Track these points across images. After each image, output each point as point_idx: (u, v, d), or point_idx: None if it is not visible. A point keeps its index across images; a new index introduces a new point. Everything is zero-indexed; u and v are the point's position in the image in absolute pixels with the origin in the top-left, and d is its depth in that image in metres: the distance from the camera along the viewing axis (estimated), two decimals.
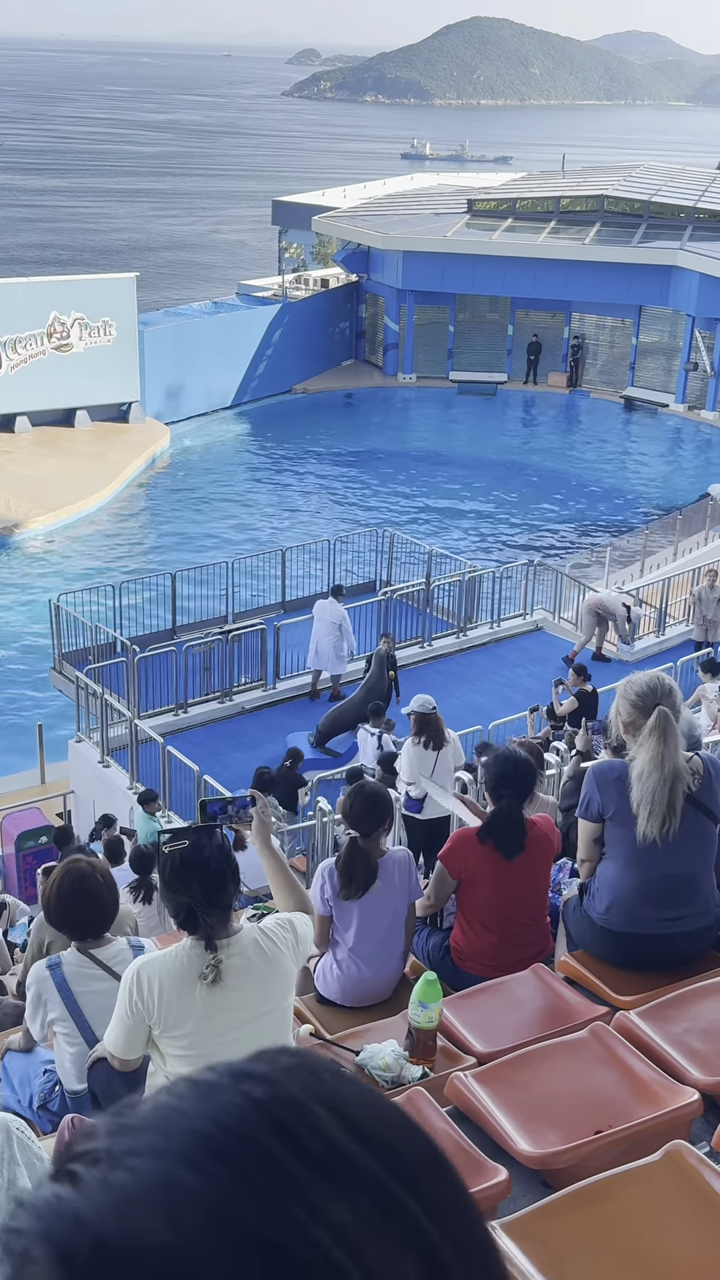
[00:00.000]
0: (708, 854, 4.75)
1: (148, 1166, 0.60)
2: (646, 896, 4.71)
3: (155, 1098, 0.66)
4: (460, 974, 5.25)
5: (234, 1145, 0.61)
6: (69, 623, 19.08)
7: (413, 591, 20.29)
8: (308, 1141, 0.62)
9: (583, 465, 34.89)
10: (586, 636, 19.39)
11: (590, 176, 46.37)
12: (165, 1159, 0.61)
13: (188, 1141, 0.62)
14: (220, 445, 35.69)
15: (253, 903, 10.08)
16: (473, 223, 39.52)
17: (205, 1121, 0.63)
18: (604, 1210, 2.88)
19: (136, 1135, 0.63)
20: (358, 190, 51.10)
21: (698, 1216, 2.87)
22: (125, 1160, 0.61)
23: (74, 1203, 0.60)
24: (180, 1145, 0.61)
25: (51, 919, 4.78)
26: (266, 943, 3.67)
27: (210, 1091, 0.65)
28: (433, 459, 34.72)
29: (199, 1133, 0.62)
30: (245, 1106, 0.64)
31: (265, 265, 58.24)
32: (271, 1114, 0.63)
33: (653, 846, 4.65)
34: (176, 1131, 0.62)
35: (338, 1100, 0.65)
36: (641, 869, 4.71)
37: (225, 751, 16.82)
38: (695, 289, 35.36)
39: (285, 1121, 0.63)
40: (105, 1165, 0.61)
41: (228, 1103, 0.64)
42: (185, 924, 3.63)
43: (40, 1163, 2.60)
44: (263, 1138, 0.62)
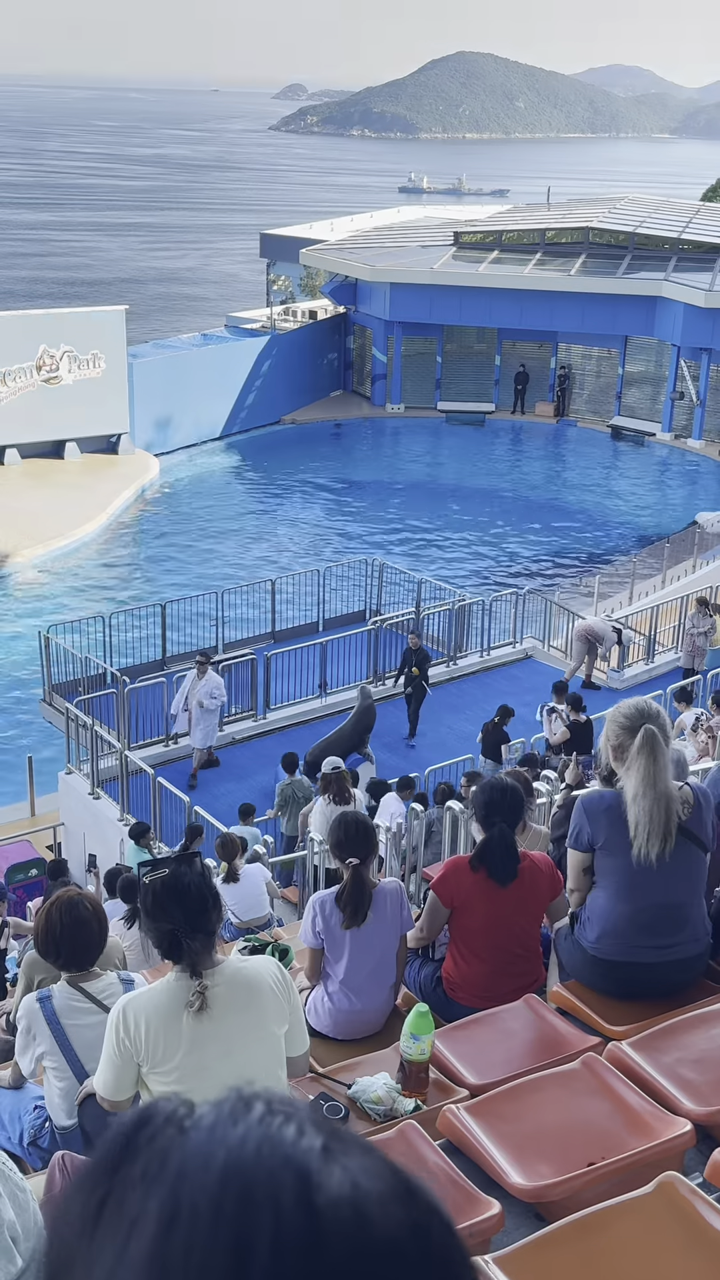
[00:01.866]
0: (697, 883, 4.73)
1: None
2: (637, 925, 4.70)
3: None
4: (452, 1005, 5.23)
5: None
6: (59, 654, 19.07)
7: (402, 620, 20.31)
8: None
9: (571, 494, 35.03)
10: (577, 663, 19.42)
11: (575, 209, 46.76)
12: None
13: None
14: (209, 476, 35.78)
15: (245, 934, 10.05)
16: (459, 254, 39.81)
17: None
18: (597, 1243, 2.87)
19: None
20: (345, 223, 51.45)
21: (690, 1248, 2.86)
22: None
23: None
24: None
25: (40, 948, 4.76)
26: (251, 972, 3.66)
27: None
28: (421, 489, 34.84)
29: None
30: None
31: (254, 298, 58.55)
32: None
33: (643, 875, 4.65)
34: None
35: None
36: (632, 898, 4.71)
37: (216, 782, 16.79)
38: (680, 319, 35.63)
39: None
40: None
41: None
42: (169, 952, 3.63)
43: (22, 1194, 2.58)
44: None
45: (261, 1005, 3.62)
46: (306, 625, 21.50)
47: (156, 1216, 0.66)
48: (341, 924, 5.27)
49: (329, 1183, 0.66)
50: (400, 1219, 0.67)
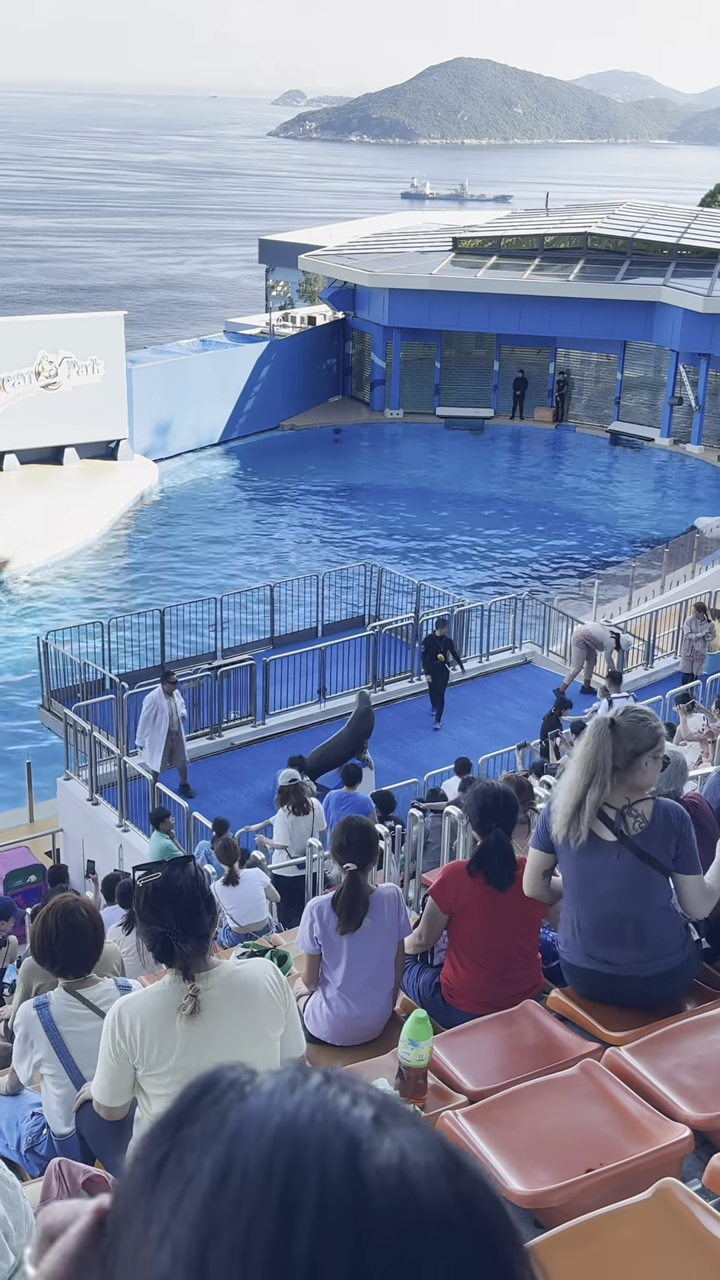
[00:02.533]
0: (647, 899, 4.62)
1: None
2: (589, 932, 4.70)
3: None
4: (451, 1011, 5.22)
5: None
6: (58, 660, 19.06)
7: (401, 626, 20.32)
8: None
9: (569, 499, 35.05)
10: (576, 669, 19.42)
11: (574, 214, 46.81)
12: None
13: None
14: (208, 482, 35.80)
15: (243, 940, 10.04)
16: (458, 260, 39.86)
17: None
18: (595, 1249, 2.86)
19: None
20: (344, 229, 51.52)
21: (689, 1254, 2.85)
22: None
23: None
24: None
25: (37, 954, 4.76)
26: (246, 976, 3.66)
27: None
28: (420, 494, 34.86)
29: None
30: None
31: (254, 304, 58.64)
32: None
33: (589, 881, 4.63)
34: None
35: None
36: (580, 902, 4.71)
37: (215, 788, 16.78)
38: (679, 324, 35.66)
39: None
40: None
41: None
42: (161, 955, 3.64)
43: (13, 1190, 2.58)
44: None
45: (257, 1008, 3.61)
46: (305, 631, 21.50)
47: (210, 1174, 0.69)
48: (337, 929, 5.27)
49: (378, 1151, 0.69)
50: (446, 1191, 0.69)
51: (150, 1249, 0.70)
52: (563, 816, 4.54)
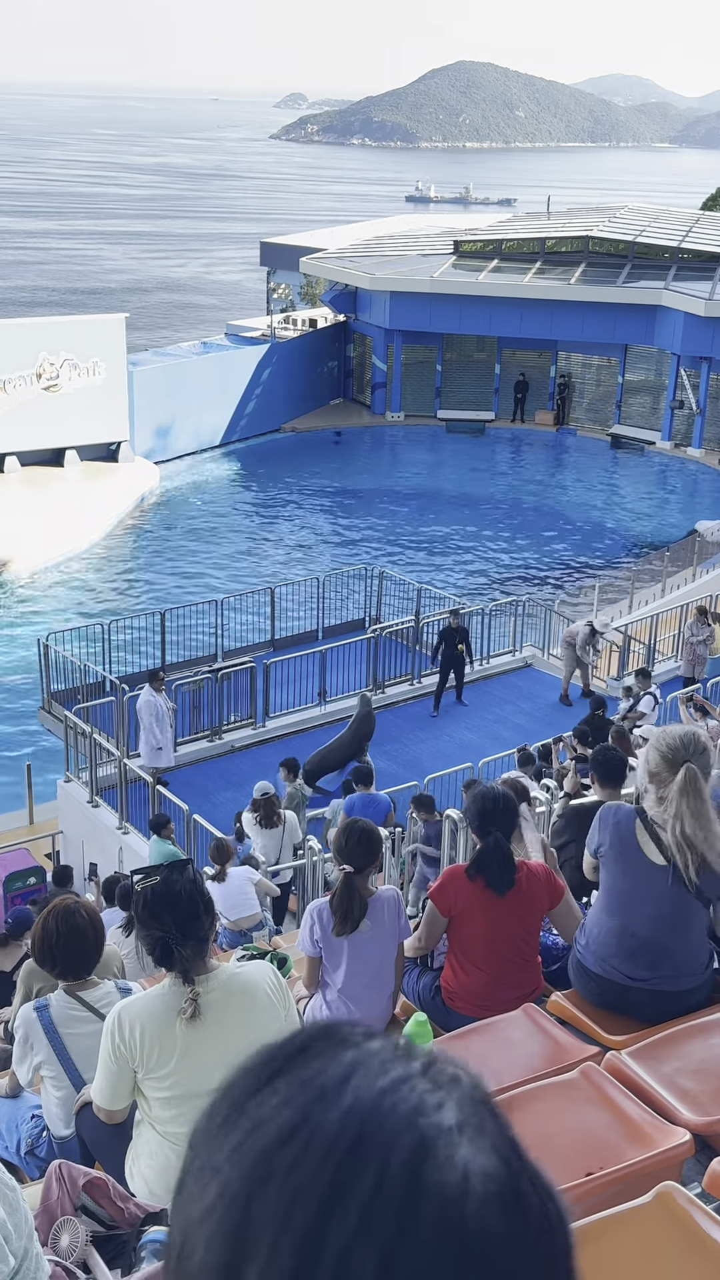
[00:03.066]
0: (684, 928, 4.63)
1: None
2: (614, 945, 4.70)
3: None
4: (451, 1014, 5.22)
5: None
6: (58, 662, 19.06)
7: (402, 629, 20.32)
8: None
9: (570, 503, 35.06)
10: (567, 670, 19.34)
11: (575, 218, 46.84)
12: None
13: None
14: (209, 484, 35.81)
15: (241, 940, 10.04)
16: (459, 263, 39.89)
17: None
18: (595, 1253, 2.86)
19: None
20: (345, 232, 51.56)
21: (689, 1259, 2.85)
22: None
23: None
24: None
25: (37, 956, 4.76)
26: (246, 978, 3.66)
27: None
28: (421, 497, 34.87)
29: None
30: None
31: (256, 306, 58.64)
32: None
33: (628, 898, 4.64)
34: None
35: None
36: (615, 915, 4.72)
37: (215, 790, 16.77)
38: (680, 328, 35.68)
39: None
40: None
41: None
42: (161, 959, 3.64)
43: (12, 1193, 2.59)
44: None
45: (257, 1011, 3.61)
46: (306, 633, 21.50)
47: (278, 1127, 0.70)
48: (333, 930, 5.26)
49: (443, 1162, 0.68)
50: (495, 1227, 0.67)
51: (203, 1178, 0.71)
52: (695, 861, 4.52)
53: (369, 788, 13.16)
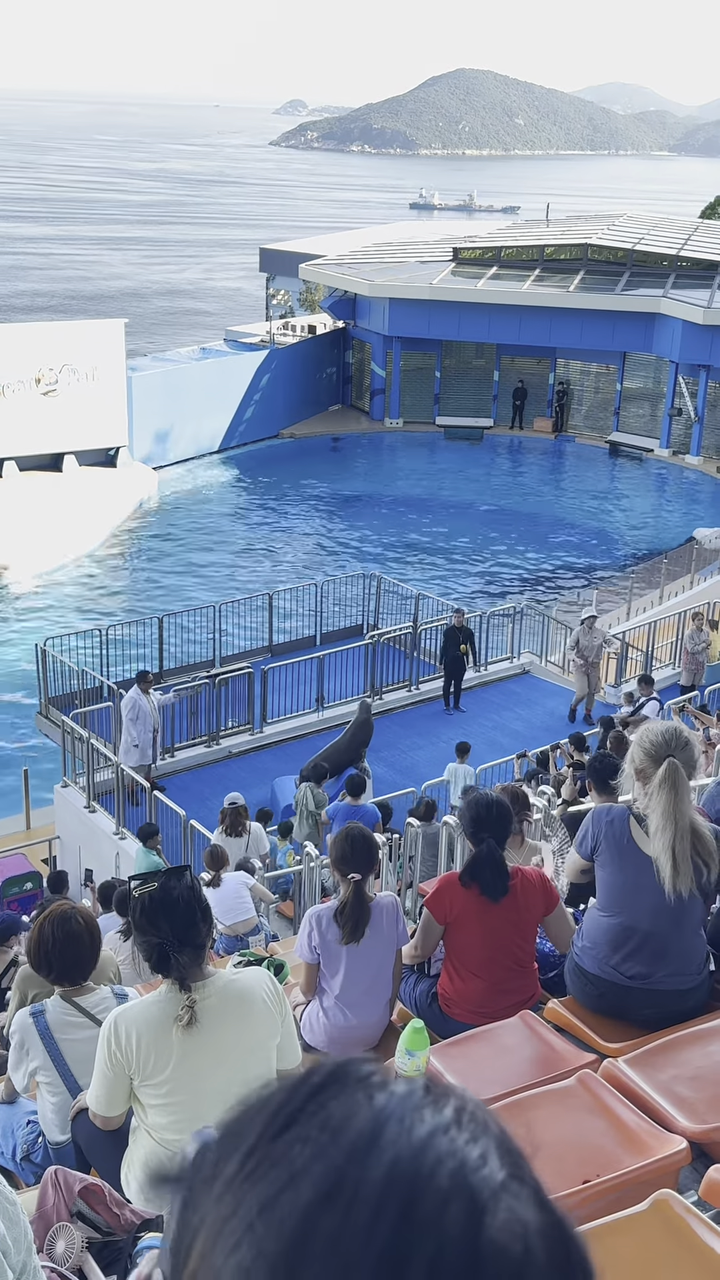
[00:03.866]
0: (681, 919, 4.64)
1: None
2: (613, 944, 4.70)
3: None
4: (448, 1021, 5.21)
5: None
6: (55, 667, 19.05)
7: (400, 635, 20.32)
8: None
9: (568, 510, 35.09)
10: (579, 690, 19.12)
11: (574, 225, 46.93)
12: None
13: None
14: (208, 490, 35.83)
15: (238, 945, 10.03)
16: (458, 270, 39.95)
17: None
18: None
19: None
20: (345, 238, 51.65)
21: (685, 1267, 2.85)
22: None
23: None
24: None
25: (33, 962, 4.75)
26: (243, 985, 3.66)
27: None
28: (420, 503, 34.89)
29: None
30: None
31: (256, 312, 58.70)
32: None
33: (626, 896, 4.65)
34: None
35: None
36: (614, 914, 4.72)
37: (212, 796, 16.74)
38: (678, 336, 35.74)
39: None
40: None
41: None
42: (158, 966, 3.63)
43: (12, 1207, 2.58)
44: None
45: (253, 1018, 3.61)
46: (304, 639, 21.50)
47: (316, 1183, 0.64)
48: (340, 939, 5.26)
49: (501, 1226, 0.64)
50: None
51: (230, 1240, 0.65)
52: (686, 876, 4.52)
53: (358, 799, 13.14)
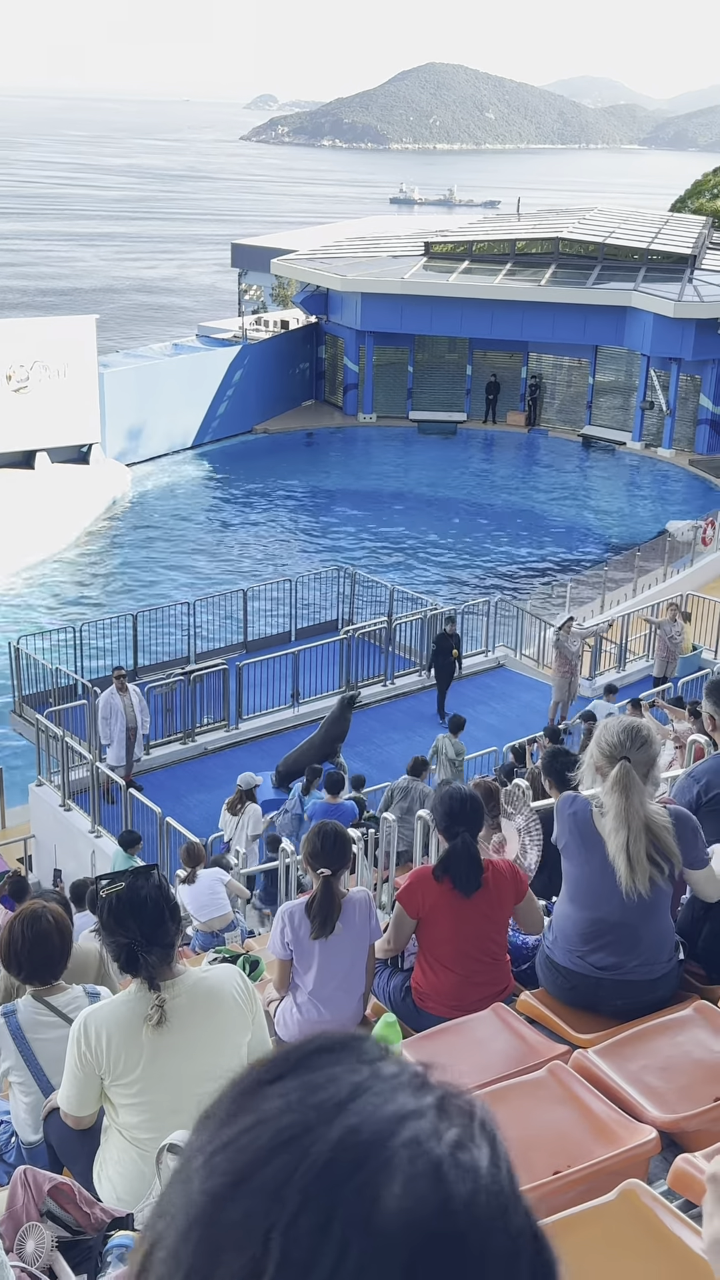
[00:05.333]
0: (650, 907, 4.65)
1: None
2: (583, 935, 4.72)
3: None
4: (422, 1015, 5.23)
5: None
6: (29, 665, 18.97)
7: (375, 630, 20.33)
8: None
9: (542, 503, 35.16)
10: (558, 694, 18.97)
11: (545, 219, 46.99)
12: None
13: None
14: (181, 486, 35.73)
15: (214, 942, 10.03)
16: (430, 265, 39.96)
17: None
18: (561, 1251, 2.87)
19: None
20: (316, 233, 51.56)
21: (652, 1256, 2.86)
22: None
23: None
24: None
25: (4, 961, 4.74)
26: (213, 982, 3.65)
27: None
28: (394, 498, 34.90)
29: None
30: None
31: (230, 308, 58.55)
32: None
33: (593, 886, 4.67)
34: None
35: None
36: (581, 905, 4.73)
37: (188, 793, 16.75)
38: (650, 329, 35.85)
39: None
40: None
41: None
42: (126, 966, 3.63)
43: None
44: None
45: (223, 1015, 3.61)
46: (278, 635, 21.49)
47: (277, 1132, 0.67)
48: (310, 934, 5.27)
49: (437, 1205, 0.66)
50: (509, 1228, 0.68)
51: (188, 1170, 0.69)
52: (643, 875, 4.54)
53: (336, 796, 13.16)
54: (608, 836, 4.59)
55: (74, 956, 4.82)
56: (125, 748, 16.40)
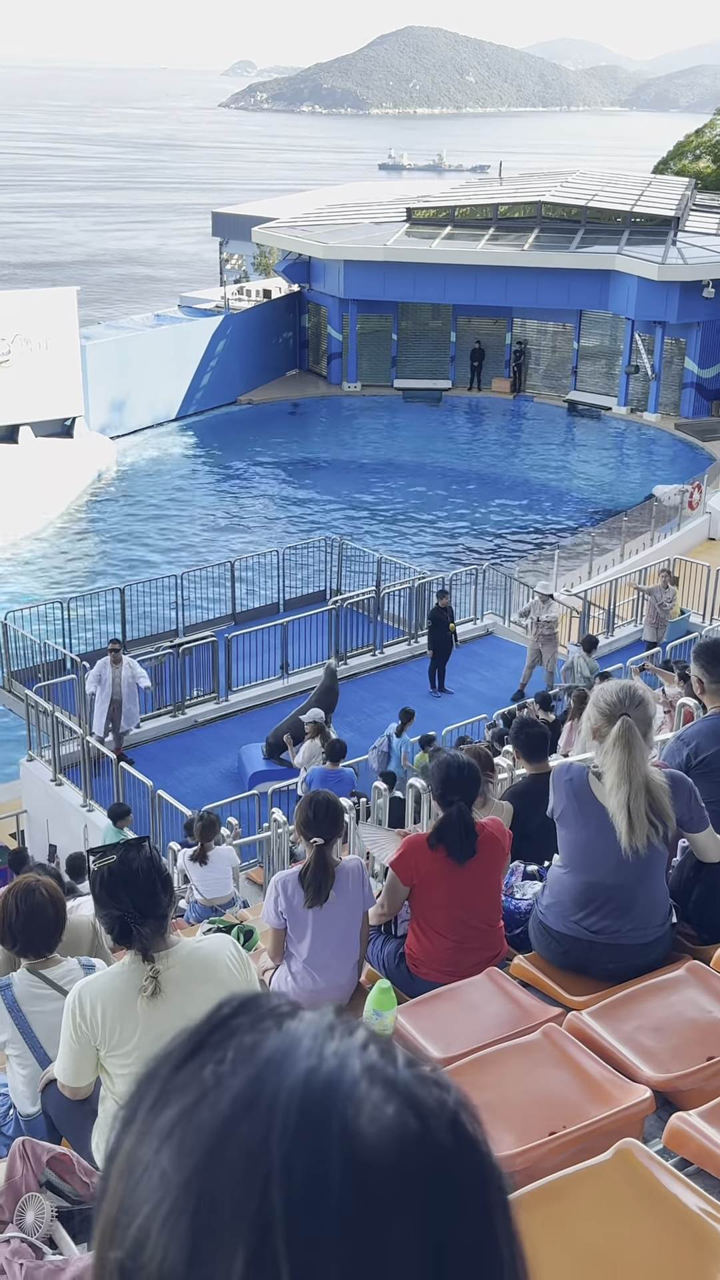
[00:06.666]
0: (646, 871, 4.67)
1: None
2: (579, 899, 4.74)
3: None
4: (416, 981, 5.25)
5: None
6: (17, 640, 18.93)
7: (363, 599, 20.32)
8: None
9: (529, 469, 35.11)
10: (531, 658, 18.98)
11: (527, 183, 46.72)
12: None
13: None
14: (166, 458, 35.59)
15: (210, 914, 10.06)
16: (412, 231, 39.71)
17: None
18: (557, 1210, 2.89)
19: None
20: (297, 200, 51.17)
21: (647, 1214, 2.89)
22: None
23: None
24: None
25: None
26: (206, 952, 3.67)
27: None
28: (380, 467, 34.81)
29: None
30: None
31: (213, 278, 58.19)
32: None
33: (590, 850, 4.68)
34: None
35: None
36: (577, 870, 4.75)
37: (179, 765, 16.76)
38: (634, 293, 35.71)
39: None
40: None
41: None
42: (120, 938, 3.64)
43: None
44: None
45: (218, 984, 3.62)
46: (267, 606, 21.46)
47: (234, 1098, 0.67)
48: (304, 903, 5.29)
49: (415, 1125, 0.67)
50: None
51: (147, 1154, 0.67)
52: (642, 832, 4.55)
53: (336, 764, 13.21)
54: (608, 794, 4.60)
55: (67, 929, 4.83)
56: (108, 719, 16.40)
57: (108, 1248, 0.68)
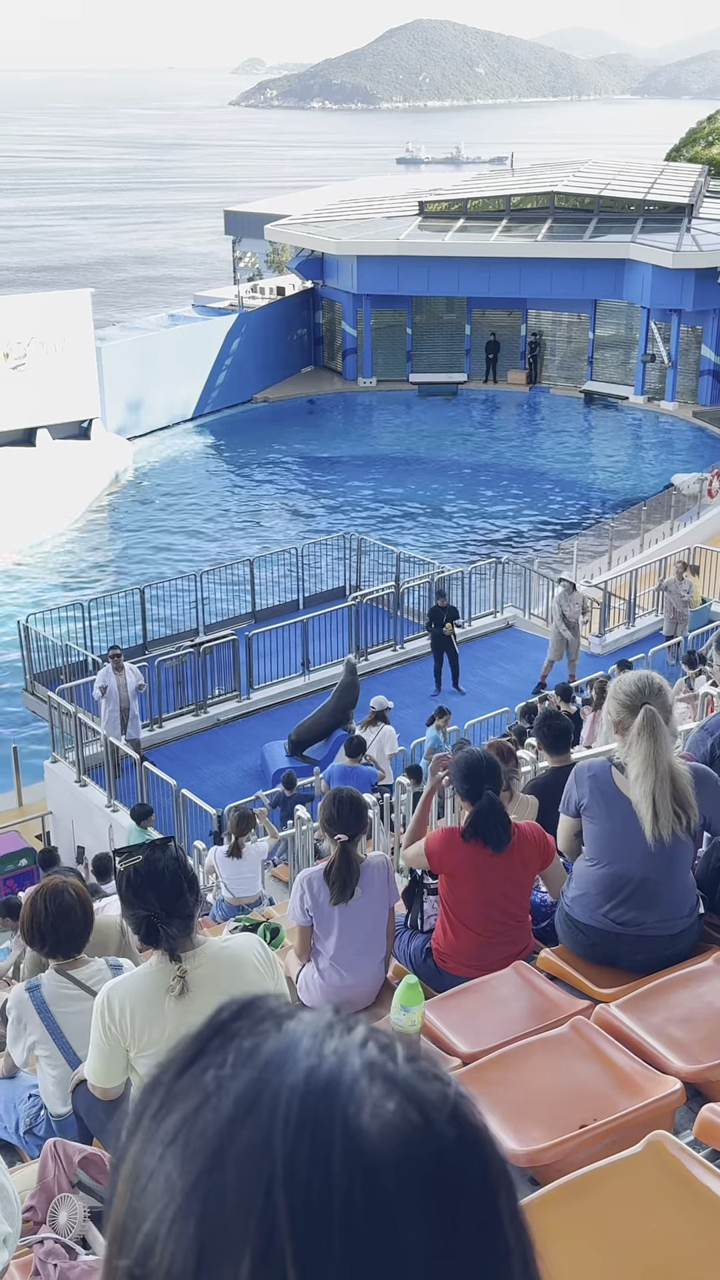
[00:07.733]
0: (672, 863, 4.67)
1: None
2: (606, 892, 4.73)
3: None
4: (443, 976, 5.25)
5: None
6: (39, 643, 19.00)
7: (383, 595, 20.30)
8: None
9: (546, 461, 35.00)
10: (554, 652, 18.82)
11: (539, 173, 46.53)
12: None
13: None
14: (183, 458, 35.64)
15: (236, 912, 10.07)
16: (425, 224, 39.61)
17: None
18: (589, 1204, 2.89)
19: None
20: (309, 197, 51.12)
21: (680, 1206, 2.88)
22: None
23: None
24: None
25: (26, 936, 4.77)
26: (233, 951, 3.67)
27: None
28: (397, 462, 34.77)
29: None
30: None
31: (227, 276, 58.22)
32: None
33: (617, 843, 4.67)
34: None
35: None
36: (601, 863, 4.74)
37: (202, 764, 16.79)
38: (649, 281, 35.54)
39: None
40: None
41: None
42: (147, 938, 3.65)
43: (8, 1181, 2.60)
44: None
45: (245, 983, 3.63)
46: (287, 604, 21.47)
47: (236, 1101, 0.67)
48: (330, 900, 5.29)
49: (420, 1121, 0.67)
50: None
51: (152, 1160, 0.67)
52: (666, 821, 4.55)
53: (355, 760, 13.19)
54: (632, 784, 4.60)
55: (95, 930, 4.85)
56: (119, 727, 16.40)
57: (116, 1256, 0.68)
